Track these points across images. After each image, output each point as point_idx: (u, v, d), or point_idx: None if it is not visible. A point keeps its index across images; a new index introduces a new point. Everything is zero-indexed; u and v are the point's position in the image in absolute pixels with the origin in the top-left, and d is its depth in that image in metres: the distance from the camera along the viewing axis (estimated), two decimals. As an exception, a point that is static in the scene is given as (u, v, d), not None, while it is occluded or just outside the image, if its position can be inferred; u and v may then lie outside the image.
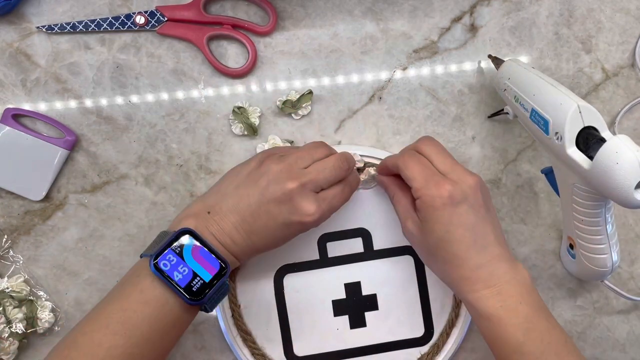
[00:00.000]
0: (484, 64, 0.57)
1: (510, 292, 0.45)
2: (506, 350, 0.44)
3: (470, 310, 0.47)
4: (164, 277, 0.44)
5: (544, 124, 0.46)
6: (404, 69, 0.57)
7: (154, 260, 0.44)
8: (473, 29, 0.57)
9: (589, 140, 0.44)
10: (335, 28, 0.57)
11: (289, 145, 0.56)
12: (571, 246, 0.53)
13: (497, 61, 0.54)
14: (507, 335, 0.44)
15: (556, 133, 0.45)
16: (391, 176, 0.53)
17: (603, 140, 0.42)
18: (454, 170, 0.47)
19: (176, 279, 0.44)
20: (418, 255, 0.53)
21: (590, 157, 0.43)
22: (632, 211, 0.58)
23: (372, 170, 0.55)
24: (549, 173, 0.52)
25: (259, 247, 0.48)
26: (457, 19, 0.57)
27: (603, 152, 0.41)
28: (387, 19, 0.57)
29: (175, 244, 0.45)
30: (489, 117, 0.57)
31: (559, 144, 0.45)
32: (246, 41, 0.55)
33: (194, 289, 0.44)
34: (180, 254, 0.45)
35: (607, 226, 0.49)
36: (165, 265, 0.44)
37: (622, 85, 0.58)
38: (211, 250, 0.45)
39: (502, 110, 0.54)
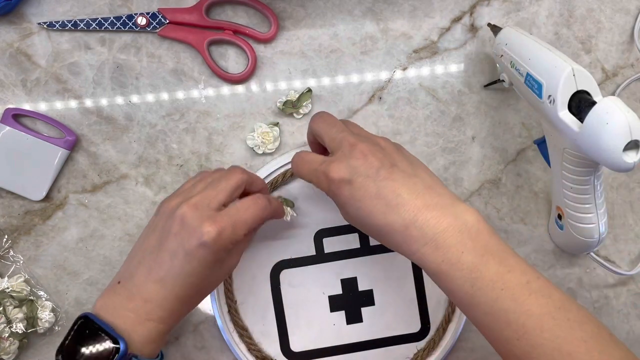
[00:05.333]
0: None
1: (449, 242, 0.41)
2: (462, 304, 0.42)
3: (423, 269, 0.44)
4: None
5: (537, 87, 0.46)
6: (404, 69, 0.57)
7: (57, 353, 0.42)
8: (473, 29, 0.57)
9: (581, 104, 0.43)
10: (335, 28, 0.57)
11: (276, 127, 0.56)
12: (559, 217, 0.53)
13: (495, 29, 0.54)
14: (457, 289, 0.41)
15: (549, 96, 0.45)
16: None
17: (594, 105, 0.42)
18: (341, 146, 0.44)
19: None
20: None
21: (582, 121, 0.42)
22: (632, 212, 0.58)
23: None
24: (541, 143, 0.52)
25: (180, 295, 0.44)
26: (457, 19, 0.57)
27: (594, 112, 0.40)
28: (387, 19, 0.57)
29: (69, 338, 0.42)
30: (484, 86, 0.57)
31: (551, 107, 0.44)
32: (247, 48, 0.55)
33: None
34: (74, 345, 0.42)
35: (596, 194, 0.48)
36: None
37: (622, 85, 0.58)
38: (102, 331, 0.42)
39: (498, 79, 0.54)
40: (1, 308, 0.54)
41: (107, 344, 0.41)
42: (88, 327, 0.42)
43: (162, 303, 0.43)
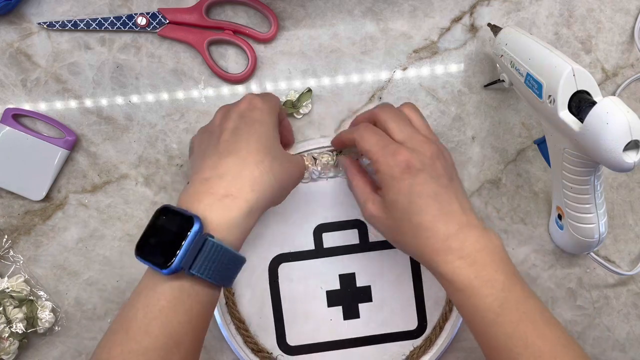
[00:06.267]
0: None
1: (485, 260, 0.43)
2: (483, 323, 0.42)
3: (444, 283, 0.44)
4: (144, 259, 0.41)
5: (537, 87, 0.46)
6: (404, 69, 0.57)
7: (136, 249, 0.42)
8: (473, 29, 0.57)
9: (581, 104, 0.43)
10: (335, 28, 0.57)
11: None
12: (559, 217, 0.53)
13: (495, 29, 0.54)
14: (483, 307, 0.42)
15: (549, 96, 0.45)
16: (351, 160, 0.53)
17: (595, 105, 0.42)
18: (411, 139, 0.46)
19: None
20: (385, 238, 0.49)
21: (582, 121, 0.42)
22: (632, 212, 0.58)
23: (327, 156, 0.55)
24: (541, 143, 0.52)
25: (257, 163, 0.44)
26: (457, 19, 0.57)
27: (594, 112, 0.41)
28: (387, 19, 0.57)
29: (148, 227, 0.42)
30: (484, 86, 0.57)
31: (551, 107, 0.45)
32: (247, 48, 0.55)
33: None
34: (152, 233, 0.42)
35: (596, 194, 0.49)
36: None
37: (622, 85, 0.58)
38: (175, 212, 0.41)
39: (498, 79, 0.54)
40: (1, 308, 0.54)
41: (182, 225, 0.40)
42: (165, 214, 0.42)
43: (237, 175, 0.43)
